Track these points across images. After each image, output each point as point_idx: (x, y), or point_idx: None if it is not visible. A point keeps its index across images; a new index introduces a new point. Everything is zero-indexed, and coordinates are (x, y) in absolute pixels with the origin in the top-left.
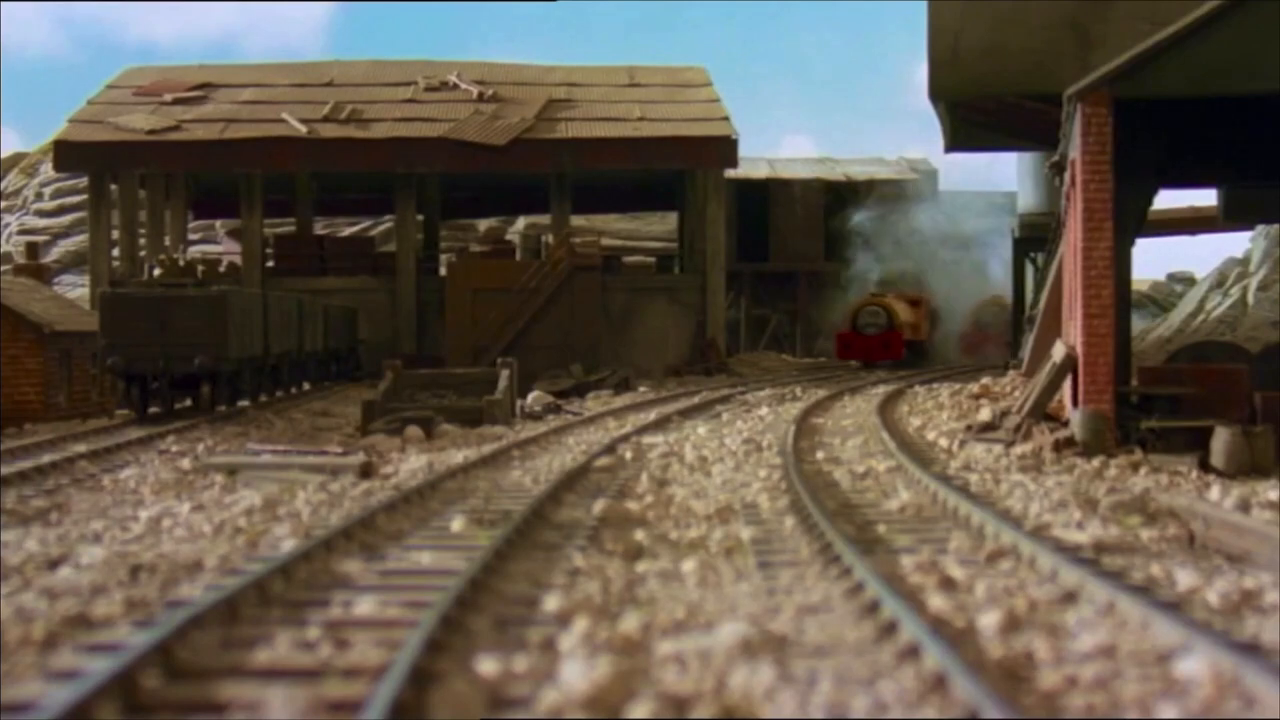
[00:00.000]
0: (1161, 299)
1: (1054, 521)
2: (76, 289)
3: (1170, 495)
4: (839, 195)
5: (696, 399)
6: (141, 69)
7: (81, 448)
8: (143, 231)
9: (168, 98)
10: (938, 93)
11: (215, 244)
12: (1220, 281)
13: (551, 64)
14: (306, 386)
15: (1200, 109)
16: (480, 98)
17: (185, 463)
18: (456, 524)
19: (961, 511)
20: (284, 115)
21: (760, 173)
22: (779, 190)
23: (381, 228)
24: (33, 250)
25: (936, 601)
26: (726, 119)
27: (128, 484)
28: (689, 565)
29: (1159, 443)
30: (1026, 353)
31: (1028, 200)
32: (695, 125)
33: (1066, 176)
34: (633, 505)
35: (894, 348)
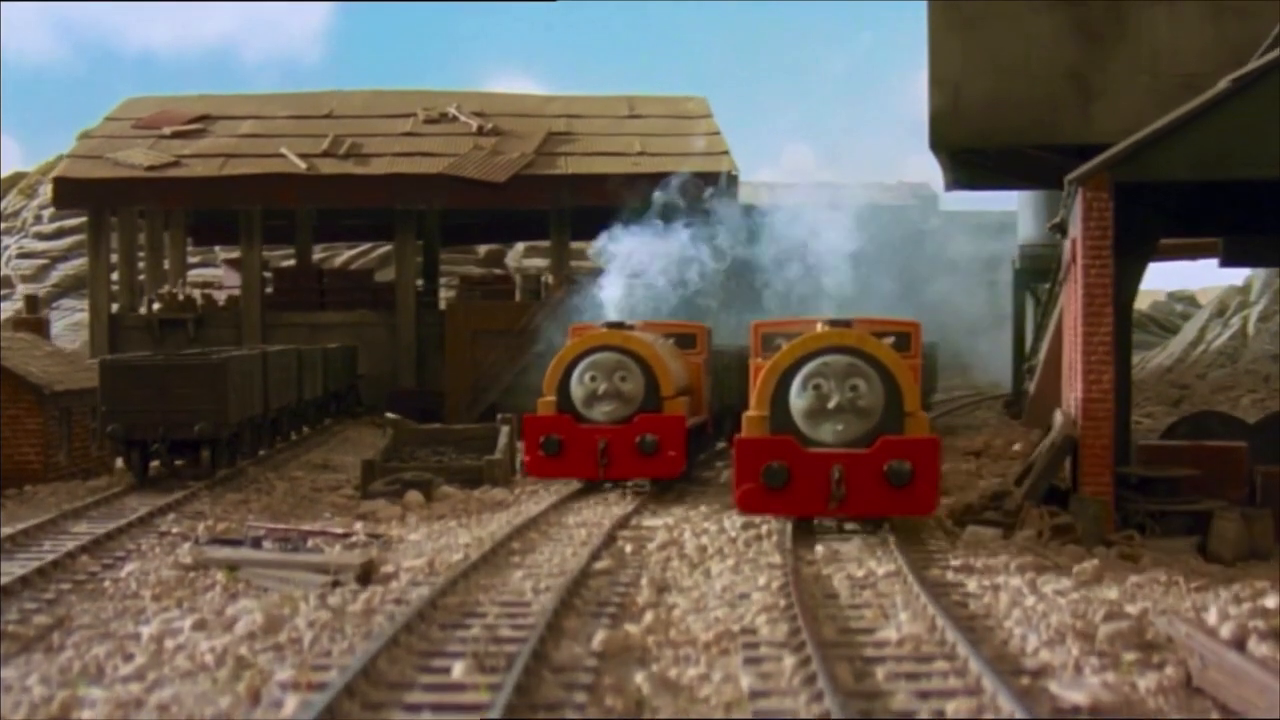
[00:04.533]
0: (1162, 319)
1: (1052, 663)
2: (75, 314)
3: (1168, 621)
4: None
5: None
6: (140, 99)
7: (82, 528)
8: (142, 262)
9: (167, 130)
10: (939, 143)
11: (215, 267)
12: (1220, 310)
13: (551, 94)
14: (306, 430)
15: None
16: (480, 131)
17: (186, 550)
18: (458, 669)
19: (960, 653)
20: (283, 150)
21: (761, 199)
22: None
23: (381, 250)
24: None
25: None
26: (726, 153)
27: (128, 585)
28: None
29: (1157, 525)
30: (1027, 402)
31: (1028, 231)
32: (695, 160)
33: (1066, 247)
34: (632, 628)
35: (664, 451)
